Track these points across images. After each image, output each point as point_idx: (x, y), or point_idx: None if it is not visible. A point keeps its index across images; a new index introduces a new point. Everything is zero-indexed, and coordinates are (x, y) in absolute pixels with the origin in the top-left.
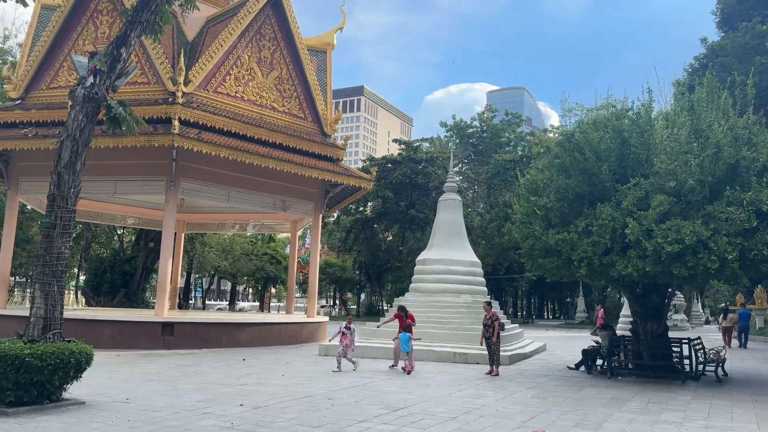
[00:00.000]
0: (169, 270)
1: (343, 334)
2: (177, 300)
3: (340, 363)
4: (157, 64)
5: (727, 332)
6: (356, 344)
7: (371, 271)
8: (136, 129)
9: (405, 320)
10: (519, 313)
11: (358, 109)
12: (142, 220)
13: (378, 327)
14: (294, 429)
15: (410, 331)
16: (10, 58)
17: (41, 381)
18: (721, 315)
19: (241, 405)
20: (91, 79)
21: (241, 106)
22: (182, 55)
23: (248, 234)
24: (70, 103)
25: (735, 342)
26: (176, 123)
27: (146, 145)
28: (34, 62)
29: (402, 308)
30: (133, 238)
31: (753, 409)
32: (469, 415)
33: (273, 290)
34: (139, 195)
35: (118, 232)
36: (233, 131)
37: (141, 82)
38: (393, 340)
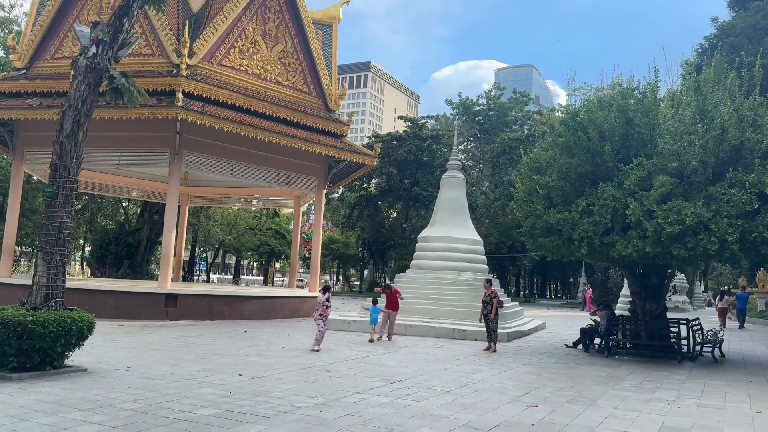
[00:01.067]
0: (172, 242)
1: (327, 307)
2: (181, 273)
3: (321, 339)
4: (161, 36)
5: (722, 313)
6: (354, 319)
7: (374, 248)
8: (138, 100)
9: (390, 296)
10: (521, 292)
11: (365, 85)
12: (147, 193)
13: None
14: (291, 399)
15: (396, 307)
16: (16, 28)
17: (43, 347)
18: (718, 297)
19: (240, 375)
20: (93, 49)
21: (246, 80)
22: (187, 27)
23: (253, 209)
24: (72, 73)
25: (731, 323)
26: (180, 96)
27: (150, 118)
28: (38, 32)
29: (387, 285)
30: (138, 211)
31: (746, 389)
32: (464, 389)
33: (277, 265)
34: (143, 167)
35: (123, 205)
36: (237, 105)
37: (145, 54)
38: (364, 307)
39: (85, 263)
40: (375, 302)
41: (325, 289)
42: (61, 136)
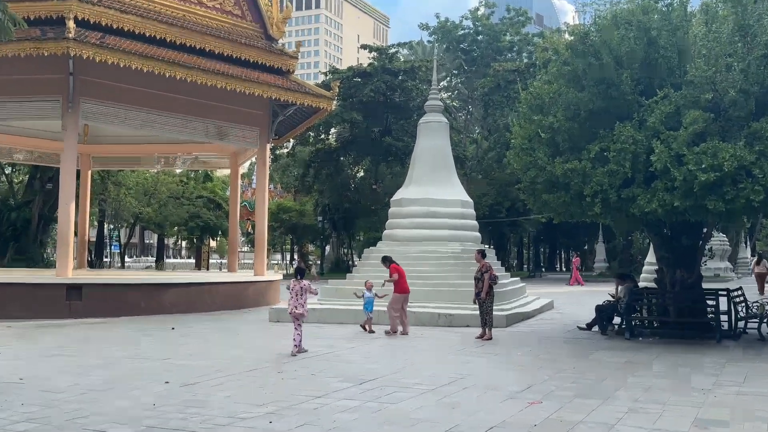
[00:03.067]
0: (71, 218)
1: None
2: (87, 257)
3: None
4: None
5: (760, 278)
6: (313, 307)
7: (337, 217)
8: (12, 32)
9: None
10: (525, 265)
11: (317, 6)
12: (36, 155)
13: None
14: (232, 409)
15: (398, 288)
16: None
17: None
18: (755, 260)
19: (167, 382)
20: None
21: (158, 2)
22: None
23: (177, 171)
24: None
25: None
26: (71, 24)
27: (33, 55)
28: None
29: (387, 258)
30: (25, 179)
31: None
32: (451, 387)
33: (213, 243)
34: (28, 121)
35: (6, 172)
36: (147, 35)
37: None
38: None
39: None
40: (370, 287)
41: (300, 272)
42: None
